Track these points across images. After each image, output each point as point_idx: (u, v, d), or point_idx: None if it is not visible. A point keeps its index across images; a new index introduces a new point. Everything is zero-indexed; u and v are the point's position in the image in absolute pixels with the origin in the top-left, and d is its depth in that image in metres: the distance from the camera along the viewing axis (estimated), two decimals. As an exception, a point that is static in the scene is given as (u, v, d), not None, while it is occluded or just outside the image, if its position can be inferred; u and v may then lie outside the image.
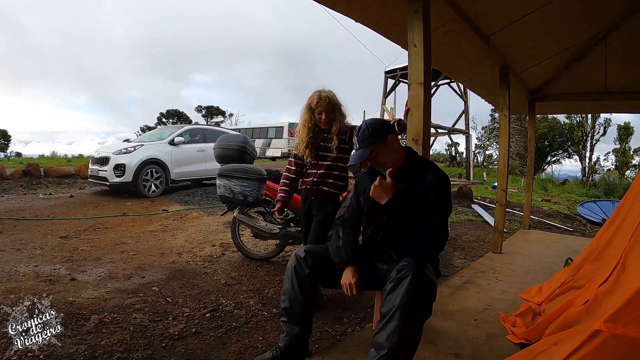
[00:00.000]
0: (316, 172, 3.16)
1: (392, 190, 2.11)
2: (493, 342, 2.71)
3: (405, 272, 1.89)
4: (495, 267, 4.64)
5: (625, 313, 1.68)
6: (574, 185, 22.49)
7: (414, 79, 2.86)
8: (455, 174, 22.54)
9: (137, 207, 8.21)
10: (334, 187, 3.16)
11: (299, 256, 2.31)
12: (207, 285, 3.86)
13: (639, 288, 1.66)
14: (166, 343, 2.74)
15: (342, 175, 3.19)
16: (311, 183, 3.15)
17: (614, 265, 2.07)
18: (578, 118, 31.48)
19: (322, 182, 3.14)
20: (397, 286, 1.88)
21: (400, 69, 23.97)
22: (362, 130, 2.23)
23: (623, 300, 1.69)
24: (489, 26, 4.27)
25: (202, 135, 10.99)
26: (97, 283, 3.77)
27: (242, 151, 4.31)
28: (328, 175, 3.14)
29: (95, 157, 9.77)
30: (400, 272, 1.91)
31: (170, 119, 43.89)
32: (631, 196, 2.70)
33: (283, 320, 2.36)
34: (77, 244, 5.18)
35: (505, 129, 5.50)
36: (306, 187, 3.21)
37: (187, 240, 5.64)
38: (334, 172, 3.15)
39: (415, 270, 1.89)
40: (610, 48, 5.28)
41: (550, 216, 9.83)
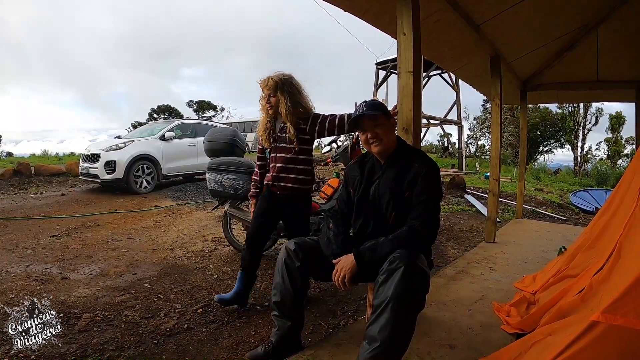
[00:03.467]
0: (275, 165, 2.95)
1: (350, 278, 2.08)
2: (487, 332, 2.69)
3: (397, 263, 1.86)
4: (489, 256, 4.63)
5: (624, 304, 1.65)
6: (567, 175, 22.58)
7: (403, 67, 2.81)
8: (448, 165, 22.56)
9: (128, 204, 8.16)
10: (296, 182, 2.93)
11: (289, 249, 2.28)
12: (199, 281, 3.84)
13: (637, 278, 1.63)
14: (158, 340, 2.72)
15: (304, 169, 2.96)
16: (271, 178, 2.95)
17: (608, 253, 2.05)
18: (570, 108, 31.62)
19: (282, 178, 2.92)
20: (389, 278, 1.85)
21: (391, 60, 23.79)
22: (371, 100, 2.32)
23: (620, 291, 1.66)
24: (479, 15, 4.24)
25: (193, 130, 10.95)
26: (88, 281, 3.74)
27: (232, 144, 4.26)
28: (288, 170, 2.91)
29: (85, 154, 9.69)
30: (392, 263, 1.88)
31: (162, 115, 43.58)
32: (624, 184, 2.68)
33: (274, 314, 2.33)
34: (68, 243, 5.14)
35: (497, 119, 5.48)
36: (268, 182, 3.01)
37: (179, 235, 5.59)
38: (295, 166, 2.92)
39: (407, 261, 1.86)
40: (601, 37, 5.30)
41: (543, 205, 9.85)
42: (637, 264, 1.67)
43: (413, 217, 2.09)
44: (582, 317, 1.82)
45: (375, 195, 2.24)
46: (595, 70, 6.18)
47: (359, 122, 2.28)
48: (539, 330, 2.16)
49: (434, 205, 2.13)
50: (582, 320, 1.76)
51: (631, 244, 1.90)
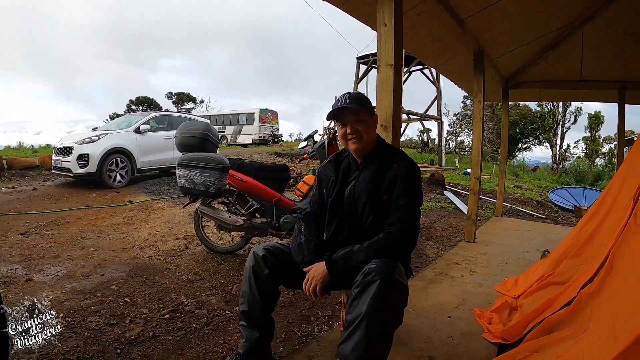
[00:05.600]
0: None
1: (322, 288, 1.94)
2: (468, 341, 2.58)
3: (373, 276, 1.71)
4: (469, 257, 4.55)
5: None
6: (545, 172, 22.98)
7: (383, 60, 2.66)
8: (427, 160, 22.62)
9: (101, 199, 7.91)
10: None
11: (257, 255, 2.10)
12: (168, 283, 3.66)
13: None
14: (121, 349, 2.55)
15: None
16: None
17: (598, 263, 1.94)
18: (550, 106, 32.04)
19: None
20: (363, 292, 1.70)
21: (372, 55, 23.68)
22: (356, 93, 2.16)
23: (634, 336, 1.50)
24: (464, 9, 4.14)
25: (170, 123, 10.67)
26: (54, 283, 3.55)
27: (204, 139, 4.06)
28: None
29: (58, 147, 9.36)
30: (367, 276, 1.73)
31: (140, 106, 42.98)
32: (614, 190, 2.58)
33: (242, 324, 2.14)
34: (36, 241, 4.92)
35: (479, 116, 5.41)
36: None
37: (151, 233, 5.39)
38: None
39: (384, 274, 1.70)
40: (586, 36, 5.26)
41: (522, 203, 9.89)
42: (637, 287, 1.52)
43: (391, 223, 1.94)
44: (570, 333, 1.69)
45: (351, 197, 2.08)
46: (578, 69, 6.14)
47: (339, 115, 2.10)
48: (524, 346, 2.04)
49: (414, 210, 1.98)
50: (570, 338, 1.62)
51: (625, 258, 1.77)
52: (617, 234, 1.96)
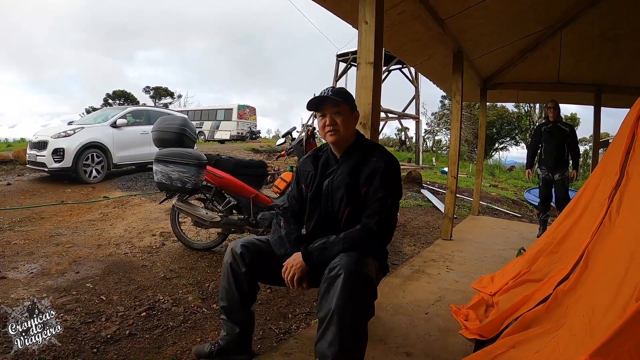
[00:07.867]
0: None
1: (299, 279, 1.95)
2: (445, 337, 2.60)
3: (337, 270, 1.71)
4: (446, 254, 4.60)
5: (616, 346, 1.51)
6: (521, 172, 23.21)
7: (363, 57, 2.67)
8: (405, 159, 22.76)
9: (76, 195, 7.74)
10: None
11: (234, 252, 2.09)
12: (144, 280, 3.60)
13: (627, 320, 1.49)
14: (98, 348, 2.50)
15: None
16: None
17: (573, 260, 1.98)
18: (526, 107, 32.50)
19: None
20: (330, 287, 1.70)
21: (352, 53, 23.66)
22: (340, 88, 2.15)
23: (611, 331, 1.52)
24: (444, 9, 4.18)
25: (147, 117, 10.49)
26: (28, 281, 3.46)
27: (181, 134, 4.01)
28: None
29: (33, 141, 9.11)
30: (332, 270, 1.73)
31: (117, 100, 42.25)
32: (590, 189, 2.63)
33: (223, 318, 2.18)
34: (10, 237, 4.78)
35: (457, 116, 5.46)
36: None
37: (127, 229, 5.30)
38: None
39: (347, 267, 1.70)
40: (565, 39, 5.35)
41: (498, 202, 10.03)
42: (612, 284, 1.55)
43: (368, 215, 1.94)
44: (546, 329, 1.72)
45: (328, 190, 2.08)
46: (556, 71, 6.27)
47: (319, 105, 2.09)
48: (501, 342, 2.07)
49: (391, 203, 1.98)
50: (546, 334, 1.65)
51: (600, 256, 1.81)
52: (593, 232, 2.01)
